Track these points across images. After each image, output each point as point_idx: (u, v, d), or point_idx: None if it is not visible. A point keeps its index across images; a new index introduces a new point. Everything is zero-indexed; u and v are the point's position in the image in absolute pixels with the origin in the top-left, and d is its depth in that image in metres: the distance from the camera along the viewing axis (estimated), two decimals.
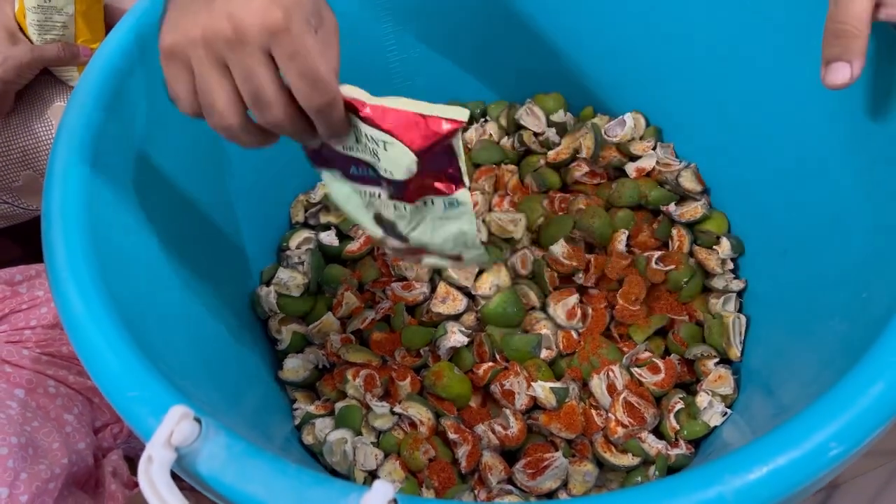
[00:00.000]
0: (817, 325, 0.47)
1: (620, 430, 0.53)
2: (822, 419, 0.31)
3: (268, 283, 0.62)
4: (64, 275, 0.39)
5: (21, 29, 0.67)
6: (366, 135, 0.37)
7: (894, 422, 0.32)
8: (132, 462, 0.71)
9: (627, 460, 0.53)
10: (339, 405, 0.57)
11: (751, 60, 0.56)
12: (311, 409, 0.57)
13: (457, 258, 0.44)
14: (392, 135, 0.36)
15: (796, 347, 0.49)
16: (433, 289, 0.61)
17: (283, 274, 0.62)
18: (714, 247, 0.61)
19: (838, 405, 0.31)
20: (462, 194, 0.39)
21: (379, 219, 0.43)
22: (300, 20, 0.34)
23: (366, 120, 0.37)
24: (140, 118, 0.49)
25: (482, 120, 0.73)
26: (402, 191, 0.40)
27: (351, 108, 0.37)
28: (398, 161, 0.37)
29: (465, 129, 0.72)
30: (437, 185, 0.39)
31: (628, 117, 0.66)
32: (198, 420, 0.33)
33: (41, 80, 0.78)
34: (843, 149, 0.49)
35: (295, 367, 0.59)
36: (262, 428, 0.52)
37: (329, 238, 0.65)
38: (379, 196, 0.41)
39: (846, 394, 0.32)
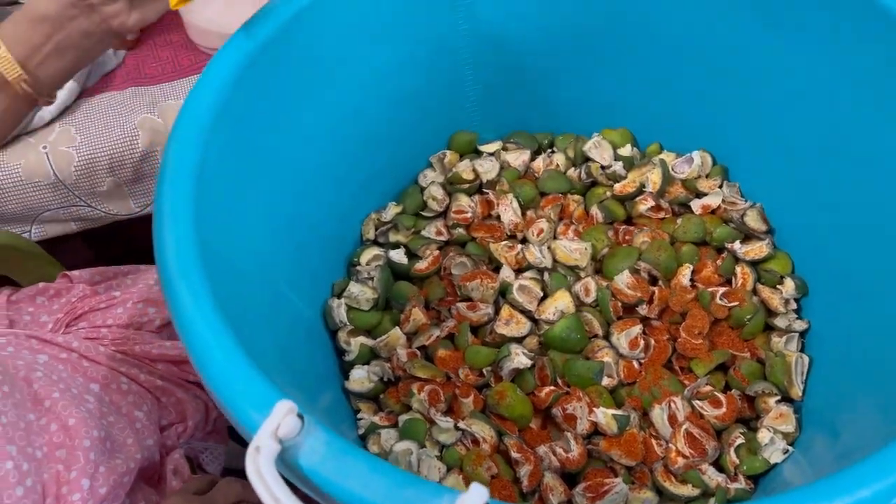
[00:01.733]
0: (883, 373, 0.48)
1: (681, 461, 0.54)
2: (889, 465, 0.32)
3: (339, 296, 0.65)
4: (176, 278, 0.41)
5: None
6: None
7: None
8: (190, 461, 0.73)
9: (687, 490, 0.53)
10: (402, 418, 0.58)
11: (824, 108, 0.57)
12: (376, 419, 0.59)
13: None
14: None
15: (861, 392, 0.50)
16: (497, 310, 0.63)
17: (353, 288, 0.64)
18: (778, 286, 0.62)
19: None
20: None
21: None
22: None
23: None
24: (242, 138, 0.52)
25: (549, 151, 0.75)
26: None
27: None
28: None
29: (533, 157, 0.74)
30: None
31: (696, 155, 0.68)
32: (300, 416, 0.35)
33: (128, 91, 0.83)
34: None
35: (361, 377, 0.61)
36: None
37: (398, 256, 0.67)
38: None
39: None
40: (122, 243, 0.94)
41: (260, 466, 0.33)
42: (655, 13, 0.64)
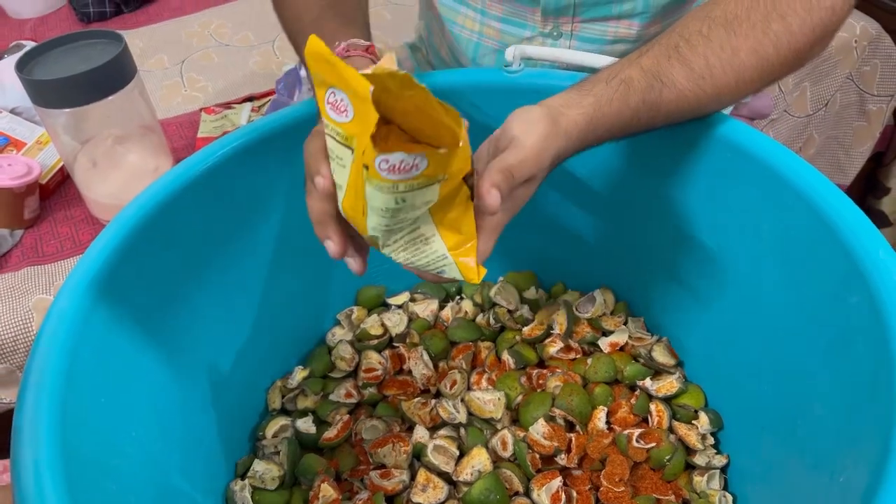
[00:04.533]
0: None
1: None
2: None
3: (243, 477, 0.61)
4: (27, 476, 0.38)
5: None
6: None
7: None
8: None
9: None
10: None
11: (715, 240, 0.59)
12: None
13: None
14: None
15: None
16: (413, 476, 0.60)
17: (258, 466, 0.60)
18: (693, 421, 0.61)
19: None
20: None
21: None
22: None
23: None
24: (117, 322, 0.50)
25: (458, 298, 0.75)
26: None
27: None
28: None
29: (441, 307, 0.74)
30: None
31: (598, 293, 0.69)
32: None
33: (23, 272, 0.80)
34: (806, 327, 0.50)
35: None
36: None
37: (306, 426, 0.64)
38: None
39: None
40: None
41: None
42: None
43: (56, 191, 0.90)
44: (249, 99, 1.02)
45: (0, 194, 0.81)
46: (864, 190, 1.21)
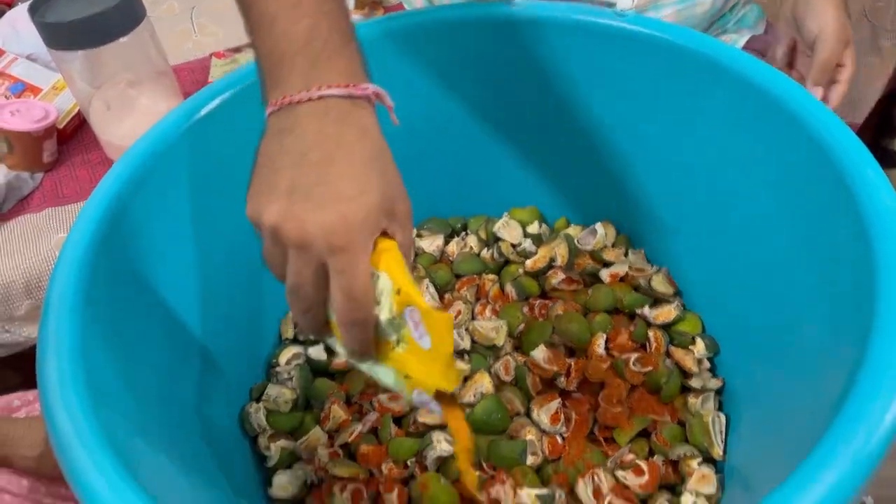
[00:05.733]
0: (788, 422, 0.48)
1: None
2: None
3: (257, 400, 0.64)
4: (55, 401, 0.41)
5: None
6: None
7: None
8: None
9: None
10: None
11: (713, 172, 0.60)
12: None
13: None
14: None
15: (771, 444, 0.50)
16: None
17: (272, 390, 0.64)
18: (690, 347, 0.63)
19: (794, 496, 0.33)
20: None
21: None
22: (363, 240, 0.37)
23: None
24: (133, 253, 0.53)
25: (462, 233, 0.77)
26: None
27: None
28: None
29: (446, 242, 0.76)
30: None
31: (599, 226, 0.70)
32: None
33: (45, 212, 0.83)
34: (803, 252, 0.52)
35: (284, 483, 0.59)
36: None
37: (317, 353, 0.67)
38: None
39: (800, 486, 0.33)
40: None
41: None
42: (551, 101, 0.68)
43: (73, 135, 0.92)
44: None
45: (19, 138, 0.83)
46: (878, 130, 1.20)
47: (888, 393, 0.36)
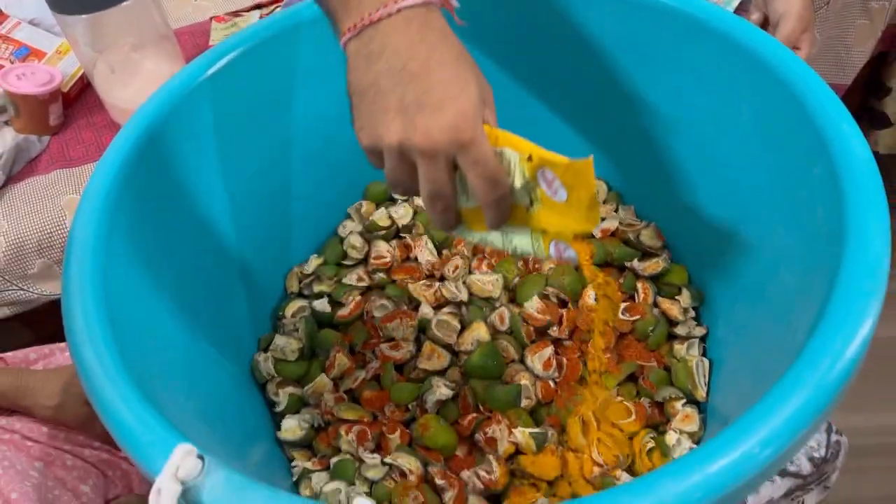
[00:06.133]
0: (764, 361, 0.52)
1: (596, 470, 0.56)
2: (746, 431, 0.36)
3: (265, 350, 0.67)
4: (82, 339, 0.44)
5: None
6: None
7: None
8: None
9: None
10: (333, 460, 0.60)
11: (699, 128, 0.63)
12: (308, 465, 0.61)
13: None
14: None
15: (749, 383, 0.54)
16: (419, 347, 0.66)
17: (279, 340, 0.67)
18: (676, 297, 0.66)
19: (761, 418, 0.36)
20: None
21: None
22: (481, 128, 0.40)
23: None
24: (151, 203, 0.55)
25: None
26: None
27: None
28: None
29: None
30: None
31: None
32: (201, 458, 0.37)
33: (54, 174, 0.85)
34: (782, 199, 0.55)
35: (292, 426, 0.63)
36: (266, 482, 0.55)
37: (322, 305, 0.70)
38: None
39: (765, 412, 0.36)
40: (60, 322, 0.95)
41: None
42: (542, 61, 0.70)
43: (78, 99, 0.94)
44: (257, 7, 1.05)
45: (26, 101, 0.85)
46: (868, 91, 1.22)
47: (852, 325, 0.39)
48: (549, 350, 0.63)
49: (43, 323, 0.92)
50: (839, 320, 0.39)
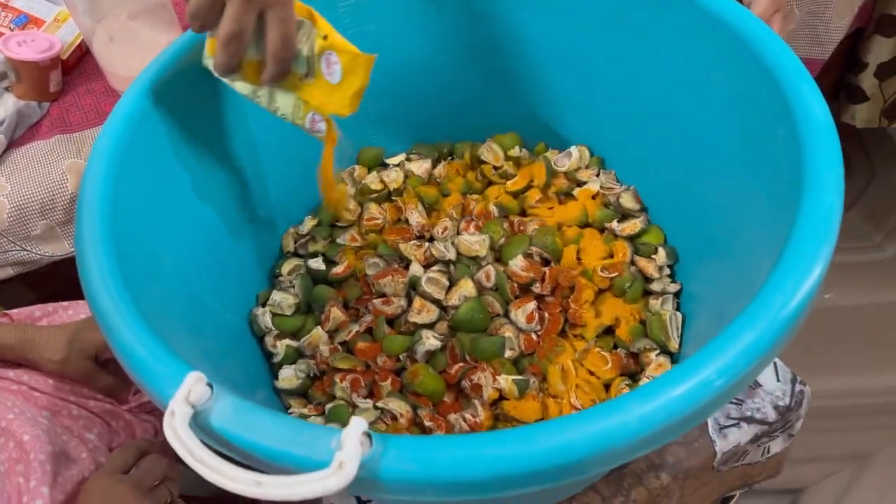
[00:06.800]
0: (728, 312, 0.55)
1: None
2: (702, 363, 0.40)
3: (263, 305, 0.71)
4: (97, 285, 0.47)
5: None
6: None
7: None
8: None
9: None
10: (328, 406, 0.64)
11: (673, 95, 0.66)
12: (304, 411, 0.65)
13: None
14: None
15: (715, 332, 0.57)
16: (410, 303, 0.69)
17: (276, 296, 0.70)
18: (652, 256, 0.70)
19: (716, 352, 0.40)
20: None
21: None
22: None
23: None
24: (155, 163, 0.58)
25: (449, 157, 0.83)
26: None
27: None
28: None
29: (434, 165, 0.82)
30: None
31: (574, 149, 0.76)
32: (209, 386, 0.41)
33: (54, 139, 0.88)
34: (747, 158, 0.58)
35: (289, 376, 0.67)
36: None
37: (317, 264, 0.73)
38: None
39: (721, 345, 0.40)
40: (61, 282, 0.98)
41: (176, 427, 0.38)
42: (525, 33, 0.73)
43: (76, 66, 0.96)
44: None
45: (26, 67, 0.87)
46: (845, 66, 1.26)
47: (803, 269, 0.43)
48: (532, 305, 0.67)
49: (45, 283, 0.95)
50: (792, 264, 0.43)
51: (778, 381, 0.72)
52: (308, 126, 0.56)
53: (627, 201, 0.73)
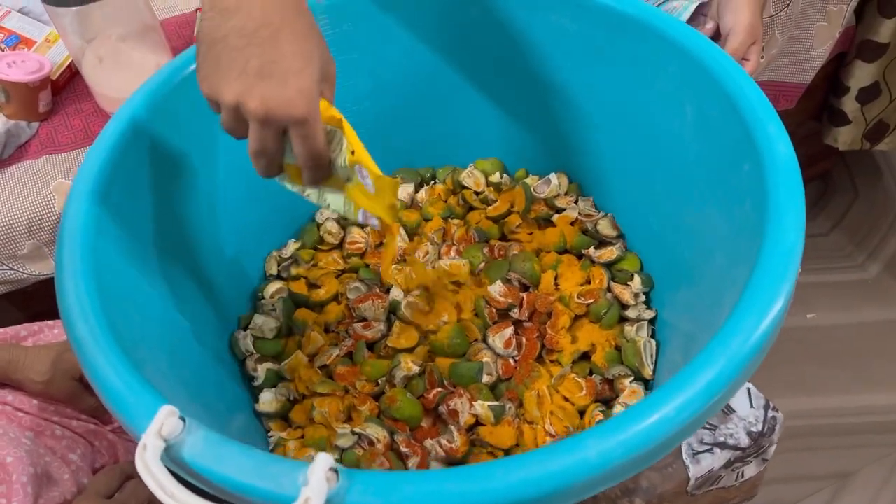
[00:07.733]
0: (697, 340, 0.57)
1: (549, 440, 0.62)
2: (661, 400, 0.41)
3: (245, 328, 0.72)
4: (75, 314, 0.48)
5: None
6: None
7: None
8: None
9: None
10: (307, 430, 0.65)
11: (648, 128, 0.68)
12: (283, 434, 0.66)
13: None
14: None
15: (684, 362, 0.59)
16: (389, 327, 0.70)
17: (258, 319, 0.71)
18: (628, 283, 0.71)
19: (679, 387, 0.41)
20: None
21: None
22: (315, 107, 0.45)
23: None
24: (139, 188, 0.59)
25: (432, 182, 0.84)
26: None
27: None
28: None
29: (416, 190, 0.83)
30: None
31: (553, 176, 0.77)
32: (182, 419, 0.42)
33: (43, 159, 0.89)
34: (717, 192, 0.59)
35: (269, 399, 0.68)
36: None
37: (299, 287, 0.74)
38: None
39: (682, 382, 0.41)
40: (47, 300, 0.98)
41: (147, 461, 0.39)
42: (511, 63, 0.74)
43: (66, 86, 0.97)
44: None
45: (16, 88, 0.88)
46: (828, 90, 1.27)
47: (763, 307, 0.44)
48: (510, 330, 0.68)
49: (31, 302, 0.96)
50: (752, 303, 0.44)
51: (751, 406, 0.73)
52: (361, 220, 0.55)
53: (605, 228, 0.74)
